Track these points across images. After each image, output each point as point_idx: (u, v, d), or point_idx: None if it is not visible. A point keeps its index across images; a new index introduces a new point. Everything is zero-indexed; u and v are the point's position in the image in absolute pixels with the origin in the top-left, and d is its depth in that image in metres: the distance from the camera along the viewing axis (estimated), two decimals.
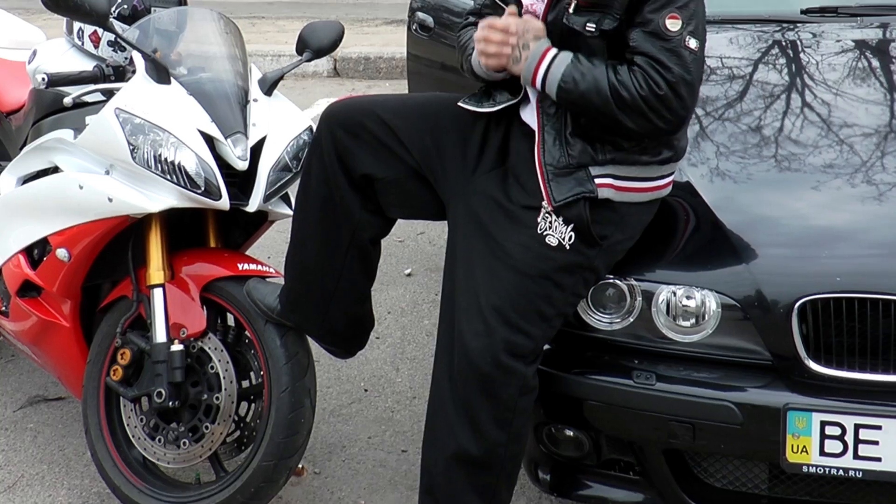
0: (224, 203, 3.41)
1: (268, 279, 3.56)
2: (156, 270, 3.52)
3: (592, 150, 2.96)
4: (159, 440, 3.58)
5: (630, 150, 2.97)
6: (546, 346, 3.09)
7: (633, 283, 3.08)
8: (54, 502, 3.90)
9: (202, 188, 3.38)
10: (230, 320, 3.64)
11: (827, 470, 2.90)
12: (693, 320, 3.02)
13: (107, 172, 3.47)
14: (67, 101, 3.57)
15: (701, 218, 3.22)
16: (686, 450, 3.09)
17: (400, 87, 9.31)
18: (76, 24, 3.83)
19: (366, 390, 4.62)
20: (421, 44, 5.69)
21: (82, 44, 3.84)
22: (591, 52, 2.92)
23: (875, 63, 4.11)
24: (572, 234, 2.96)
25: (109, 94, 3.55)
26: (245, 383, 3.59)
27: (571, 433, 3.21)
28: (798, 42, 4.26)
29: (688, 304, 3.01)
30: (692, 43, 2.85)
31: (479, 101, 3.16)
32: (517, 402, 2.99)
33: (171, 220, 3.58)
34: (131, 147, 3.36)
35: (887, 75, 4.00)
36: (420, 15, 5.69)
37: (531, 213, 2.99)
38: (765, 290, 2.95)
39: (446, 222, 3.24)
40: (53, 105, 3.78)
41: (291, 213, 3.51)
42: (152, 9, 3.77)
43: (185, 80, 3.53)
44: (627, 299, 3.08)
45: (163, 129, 3.38)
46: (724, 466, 3.14)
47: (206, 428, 3.49)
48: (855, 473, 2.89)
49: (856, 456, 2.88)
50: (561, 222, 2.96)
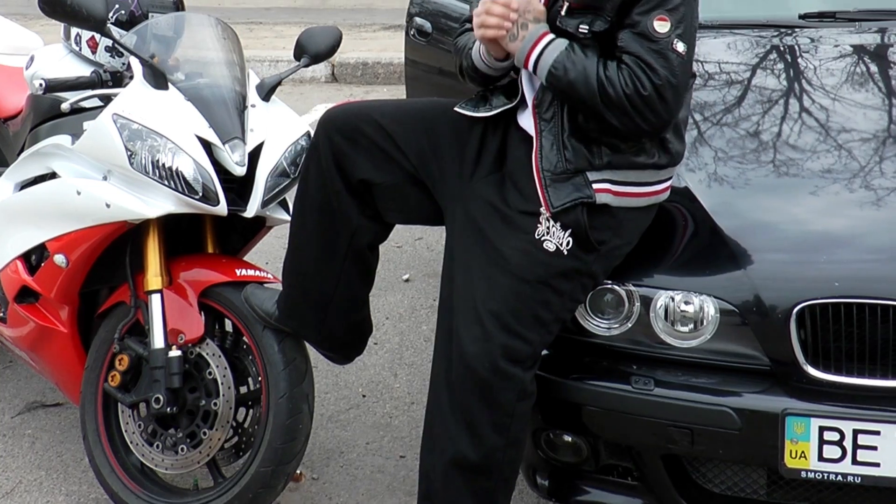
0: (222, 209, 3.41)
1: (266, 285, 3.56)
2: (154, 276, 3.52)
3: (589, 153, 2.96)
4: (157, 446, 3.58)
5: (626, 151, 2.97)
6: (544, 352, 3.09)
7: (632, 288, 3.07)
8: None
9: (200, 194, 3.38)
10: (228, 326, 3.64)
11: (825, 475, 2.90)
12: (691, 326, 3.02)
13: (104, 178, 3.48)
14: (65, 106, 3.56)
15: (699, 223, 3.21)
16: (684, 455, 3.09)
17: (398, 92, 9.31)
18: (74, 30, 3.83)
19: (364, 396, 4.61)
20: (419, 49, 5.69)
21: (80, 49, 3.84)
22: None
23: (873, 68, 4.11)
24: (570, 239, 2.96)
25: (107, 99, 3.55)
26: (243, 389, 3.59)
27: (570, 438, 3.21)
28: (796, 47, 4.26)
29: (686, 310, 3.01)
30: (680, 46, 2.85)
31: (476, 106, 3.16)
32: (515, 407, 2.99)
33: (169, 225, 3.58)
34: (129, 153, 3.36)
35: (885, 80, 4.00)
36: (418, 20, 5.69)
37: (529, 219, 2.98)
38: (763, 295, 2.95)
39: (444, 227, 3.24)
40: (51, 111, 3.78)
41: (289, 218, 3.51)
42: (150, 14, 3.77)
43: (182, 85, 3.53)
44: (626, 305, 3.08)
45: (160, 134, 3.38)
46: (722, 472, 3.13)
47: (204, 434, 3.49)
48: (853, 479, 2.89)
49: (854, 461, 2.88)
50: (559, 228, 2.96)
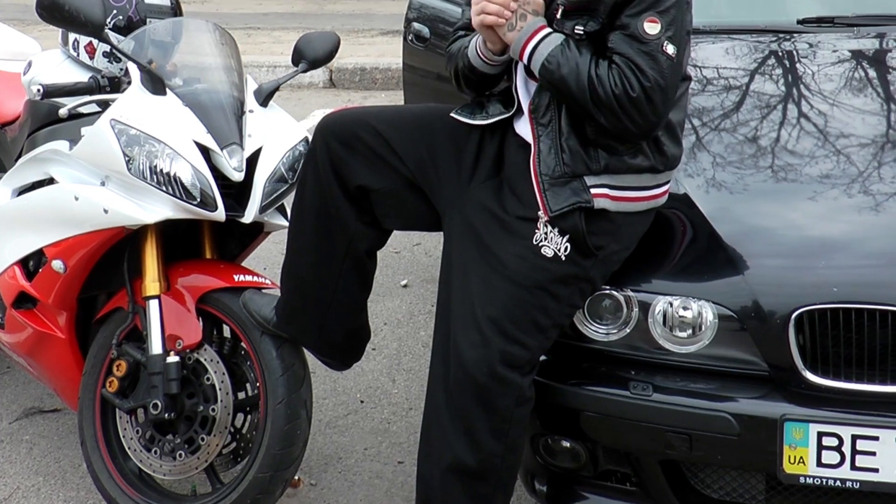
0: (220, 214, 3.41)
1: (264, 290, 3.56)
2: (151, 282, 3.52)
3: (587, 156, 2.95)
4: (155, 452, 3.57)
5: (623, 155, 2.96)
6: (542, 357, 3.08)
7: (630, 293, 3.07)
8: None
9: (198, 199, 3.37)
10: (226, 332, 3.64)
11: (824, 481, 2.90)
12: (690, 331, 3.01)
13: (102, 184, 3.48)
14: (63, 112, 3.56)
15: (697, 229, 3.21)
16: (683, 461, 3.09)
17: (396, 97, 9.32)
18: (71, 35, 3.83)
19: (362, 402, 4.61)
20: (417, 54, 5.69)
21: (78, 55, 3.84)
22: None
23: (871, 73, 4.11)
24: (568, 244, 2.96)
25: (105, 105, 3.55)
26: (241, 395, 3.58)
27: (568, 444, 3.20)
28: (794, 52, 4.26)
29: (684, 315, 3.01)
30: (669, 48, 2.85)
31: (472, 112, 3.16)
32: (513, 412, 2.99)
33: (167, 231, 3.58)
34: (127, 158, 3.36)
35: (884, 85, 4.00)
36: (416, 25, 5.69)
37: (527, 224, 2.98)
38: (761, 300, 2.95)
39: (442, 233, 3.24)
40: (49, 116, 3.78)
41: (287, 224, 3.50)
42: (148, 20, 3.77)
43: (180, 91, 3.53)
44: (624, 310, 3.07)
45: (158, 140, 3.37)
46: (721, 477, 3.13)
47: (202, 439, 3.48)
48: (852, 484, 2.89)
49: (853, 467, 2.88)
50: (556, 233, 2.96)
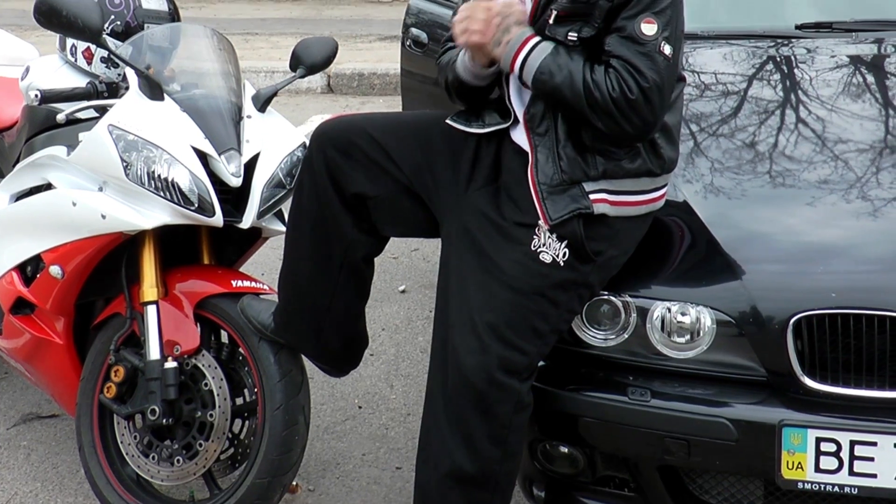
0: (218, 220, 3.41)
1: (262, 296, 3.55)
2: (149, 287, 3.52)
3: (584, 163, 2.95)
4: (153, 457, 3.57)
5: (620, 159, 2.96)
6: (541, 363, 3.08)
7: (628, 299, 3.07)
8: None
9: (196, 205, 3.37)
10: (224, 337, 3.63)
11: (822, 486, 2.90)
12: (688, 336, 3.01)
13: (100, 189, 3.47)
14: (60, 117, 3.55)
15: (696, 234, 3.21)
16: (681, 466, 3.08)
17: (394, 103, 9.32)
18: (69, 41, 3.83)
19: (360, 407, 4.60)
20: (415, 60, 5.69)
21: (75, 60, 3.84)
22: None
23: (870, 78, 4.11)
24: (566, 250, 2.95)
25: (102, 110, 3.55)
26: (239, 400, 3.58)
27: (566, 450, 3.20)
28: (792, 58, 4.26)
29: (682, 321, 3.00)
30: (667, 49, 2.85)
31: (468, 120, 3.15)
32: (512, 418, 2.98)
33: (165, 236, 3.57)
34: (124, 164, 3.36)
35: (882, 91, 4.00)
36: (414, 31, 5.70)
37: (525, 231, 2.98)
38: (760, 306, 2.95)
39: (440, 239, 3.23)
40: (46, 122, 3.77)
41: (285, 229, 3.50)
42: (145, 25, 3.77)
43: (178, 96, 3.53)
44: (622, 315, 3.07)
45: (156, 145, 3.37)
46: (719, 483, 3.12)
47: (200, 445, 3.48)
48: (850, 490, 2.89)
49: (851, 472, 2.88)
50: (555, 239, 2.95)
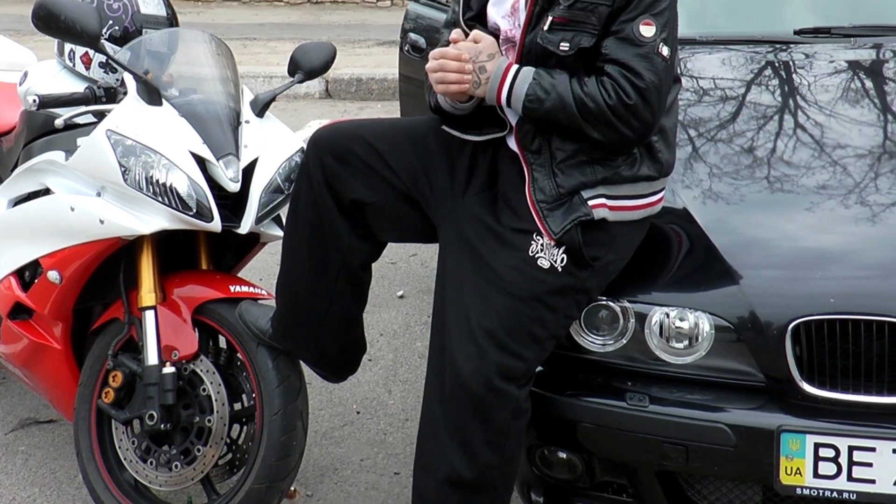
0: (216, 225, 3.40)
1: (260, 301, 3.55)
2: (147, 293, 3.51)
3: (581, 174, 2.95)
4: (151, 463, 3.56)
5: (618, 167, 2.96)
6: (539, 368, 3.08)
7: (626, 304, 3.07)
8: None
9: (194, 210, 3.37)
10: (222, 342, 3.63)
11: (821, 492, 2.90)
12: (686, 342, 3.01)
13: (98, 194, 3.47)
14: (59, 122, 3.55)
15: (694, 240, 3.21)
16: (679, 472, 3.08)
17: (392, 108, 9.33)
18: (67, 46, 3.82)
19: (358, 413, 4.60)
20: (413, 65, 5.70)
21: (73, 65, 3.83)
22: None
23: (868, 84, 4.11)
24: (564, 256, 2.95)
25: (101, 115, 3.55)
26: (237, 406, 3.57)
27: (564, 455, 3.20)
28: (791, 63, 4.26)
29: (681, 326, 3.00)
30: (664, 50, 2.86)
31: (465, 127, 3.15)
32: (510, 424, 2.98)
33: (163, 242, 3.57)
34: (123, 169, 3.36)
35: (880, 96, 4.00)
36: (412, 36, 5.70)
37: (522, 237, 2.98)
38: (758, 311, 2.95)
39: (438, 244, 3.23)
40: (45, 127, 3.77)
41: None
42: (144, 30, 3.76)
43: (176, 101, 3.52)
44: (620, 321, 3.07)
45: (154, 150, 3.37)
46: (717, 488, 3.12)
47: (198, 450, 3.48)
48: (849, 495, 2.89)
49: (850, 478, 2.87)
50: (553, 245, 2.95)
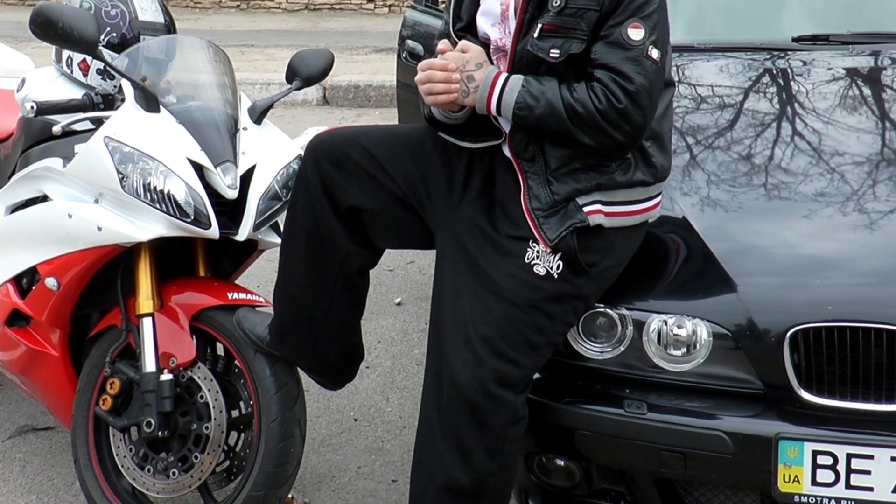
0: (214, 232, 3.40)
1: (257, 308, 3.55)
2: (145, 300, 3.51)
3: (576, 181, 2.95)
4: (148, 470, 3.56)
5: (612, 172, 2.96)
6: (536, 376, 3.08)
7: (624, 312, 3.07)
8: None
9: (191, 217, 3.37)
10: (220, 350, 3.63)
11: (819, 499, 2.89)
12: (684, 349, 3.01)
13: (96, 201, 3.47)
14: (56, 129, 3.55)
15: (692, 247, 3.21)
16: (677, 479, 3.08)
17: (390, 115, 9.32)
18: (65, 53, 3.82)
19: (356, 420, 4.60)
20: (411, 72, 5.65)
21: (71, 72, 3.83)
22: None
23: (866, 91, 4.11)
24: (560, 262, 2.95)
25: (98, 122, 3.55)
26: (235, 413, 3.57)
27: (562, 462, 3.19)
28: (789, 70, 4.26)
29: (679, 334, 3.00)
30: (654, 53, 2.86)
31: (461, 133, 3.15)
32: (507, 431, 2.97)
33: (161, 248, 3.57)
34: (120, 176, 3.36)
35: (878, 103, 4.00)
36: (410, 43, 5.70)
37: (518, 243, 2.98)
38: (756, 318, 2.94)
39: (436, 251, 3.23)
40: (42, 134, 3.77)
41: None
42: (141, 37, 3.77)
43: (174, 108, 3.52)
44: (618, 328, 3.07)
45: (152, 157, 3.37)
46: (715, 496, 3.12)
47: (196, 458, 3.47)
48: (847, 503, 2.88)
49: (848, 485, 2.87)
50: (549, 252, 2.95)
